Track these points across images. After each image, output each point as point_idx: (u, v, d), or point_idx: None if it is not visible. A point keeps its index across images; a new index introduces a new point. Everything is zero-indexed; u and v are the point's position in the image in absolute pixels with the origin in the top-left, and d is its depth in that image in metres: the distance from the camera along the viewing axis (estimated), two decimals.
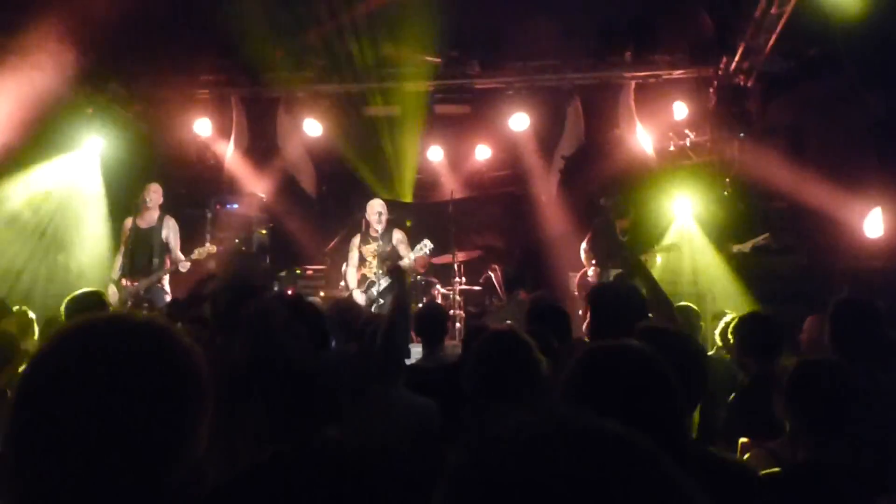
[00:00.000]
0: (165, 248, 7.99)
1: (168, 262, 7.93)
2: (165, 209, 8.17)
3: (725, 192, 8.79)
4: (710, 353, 6.32)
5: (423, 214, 10.27)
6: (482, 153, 10.70)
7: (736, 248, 7.99)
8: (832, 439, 2.45)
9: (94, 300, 4.36)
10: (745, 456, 2.81)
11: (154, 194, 8.08)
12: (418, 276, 8.76)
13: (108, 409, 1.06)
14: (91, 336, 1.13)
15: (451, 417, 3.36)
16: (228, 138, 10.19)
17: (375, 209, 8.34)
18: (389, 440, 3.42)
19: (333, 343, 4.90)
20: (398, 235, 8.37)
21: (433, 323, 4.72)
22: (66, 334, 1.14)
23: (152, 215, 8.05)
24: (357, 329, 4.30)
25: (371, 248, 8.30)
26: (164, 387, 1.11)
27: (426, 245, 8.06)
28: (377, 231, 8.31)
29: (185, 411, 1.13)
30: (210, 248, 7.98)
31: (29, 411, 1.08)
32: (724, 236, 8.51)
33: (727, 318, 5.08)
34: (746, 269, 7.93)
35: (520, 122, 9.55)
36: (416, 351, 5.42)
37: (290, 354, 2.24)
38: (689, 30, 8.97)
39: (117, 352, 1.11)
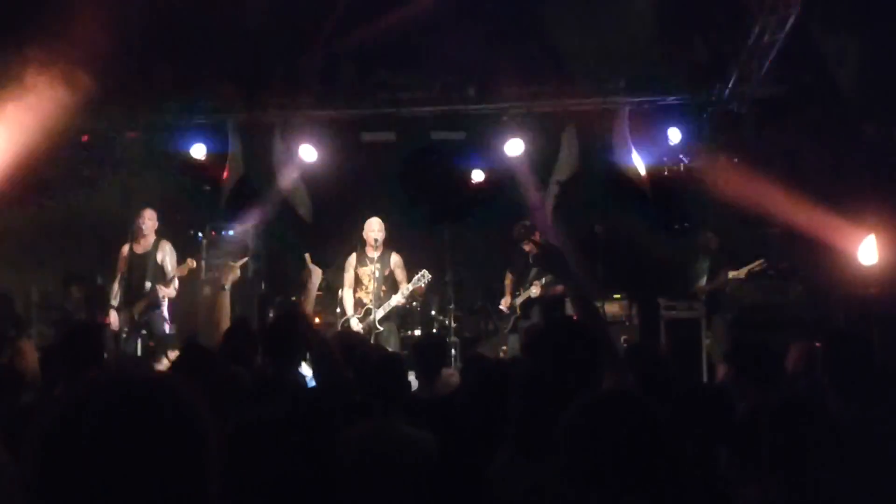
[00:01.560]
0: (161, 272, 7.94)
1: (165, 286, 7.89)
2: (161, 234, 8.15)
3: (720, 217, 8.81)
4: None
5: (419, 240, 10.24)
6: (477, 178, 10.68)
7: (731, 274, 7.99)
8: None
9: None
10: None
11: (149, 220, 8.05)
12: (413, 303, 8.67)
13: (133, 470, 1.13)
14: (111, 398, 1.19)
15: (447, 452, 3.32)
16: (224, 164, 10.16)
17: (373, 227, 8.03)
18: (383, 471, 3.38)
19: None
20: (395, 259, 8.12)
21: (431, 354, 4.67)
22: (86, 396, 1.19)
23: (148, 241, 8.03)
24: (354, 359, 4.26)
25: (367, 271, 8.00)
26: (182, 446, 1.18)
27: (424, 276, 8.01)
28: (374, 251, 8.01)
29: (201, 468, 1.20)
30: (189, 262, 7.90)
31: (57, 471, 1.13)
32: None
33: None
34: (742, 295, 7.93)
35: (515, 147, 9.56)
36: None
37: None
38: (684, 56, 9.01)
39: (141, 414, 1.17)
